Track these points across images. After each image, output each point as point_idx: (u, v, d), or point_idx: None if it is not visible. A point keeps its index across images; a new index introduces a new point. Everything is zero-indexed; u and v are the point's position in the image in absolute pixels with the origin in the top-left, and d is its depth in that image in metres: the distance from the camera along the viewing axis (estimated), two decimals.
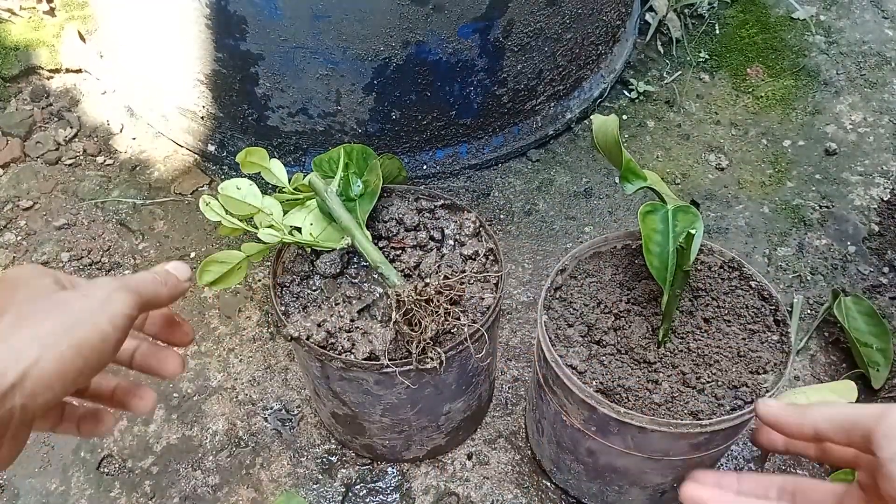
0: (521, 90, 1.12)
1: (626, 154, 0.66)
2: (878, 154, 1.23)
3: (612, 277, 0.76)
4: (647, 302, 0.74)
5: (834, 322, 1.00)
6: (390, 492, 0.88)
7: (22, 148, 1.21)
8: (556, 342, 0.71)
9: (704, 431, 0.65)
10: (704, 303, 0.74)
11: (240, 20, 0.95)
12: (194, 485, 0.88)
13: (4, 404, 0.38)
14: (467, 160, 1.17)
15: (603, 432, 0.70)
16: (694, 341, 0.71)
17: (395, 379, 0.69)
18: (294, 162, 1.13)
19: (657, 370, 0.70)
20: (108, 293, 0.44)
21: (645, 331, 0.72)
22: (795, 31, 1.41)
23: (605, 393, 0.68)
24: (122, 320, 0.44)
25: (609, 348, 0.71)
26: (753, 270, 0.74)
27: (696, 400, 0.67)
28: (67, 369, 0.40)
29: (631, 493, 0.79)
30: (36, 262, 0.45)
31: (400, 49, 0.98)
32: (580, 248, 0.76)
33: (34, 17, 1.34)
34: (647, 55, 1.37)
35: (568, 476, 0.84)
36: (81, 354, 0.41)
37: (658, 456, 0.70)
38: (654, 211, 0.68)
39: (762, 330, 0.72)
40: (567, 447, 0.78)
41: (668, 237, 0.67)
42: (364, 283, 0.76)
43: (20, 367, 0.38)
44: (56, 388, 0.40)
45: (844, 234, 1.13)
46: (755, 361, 0.69)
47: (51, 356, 0.39)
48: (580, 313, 0.73)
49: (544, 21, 1.04)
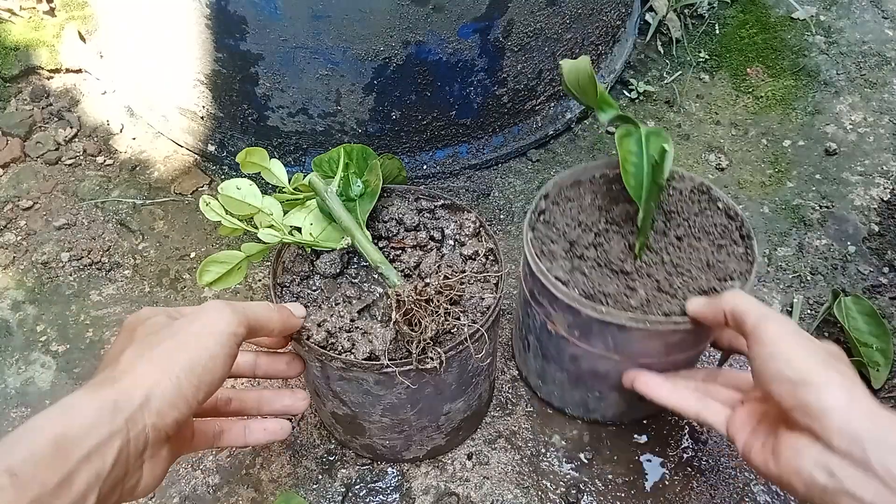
0: (521, 90, 1.12)
1: (600, 86, 0.74)
2: (878, 154, 1.23)
3: (592, 202, 0.83)
4: (624, 222, 0.81)
5: (834, 322, 1.00)
6: (390, 492, 0.88)
7: (22, 148, 1.21)
8: (542, 257, 0.78)
9: (678, 329, 0.72)
10: (676, 223, 0.81)
11: (240, 20, 0.95)
12: (194, 485, 0.88)
13: (136, 425, 0.42)
14: (467, 160, 1.17)
15: (585, 336, 0.77)
16: (667, 255, 0.79)
17: (395, 379, 0.69)
18: (294, 162, 1.13)
19: (634, 279, 0.77)
20: (214, 315, 0.49)
21: (622, 247, 0.79)
22: (795, 31, 1.41)
23: (587, 298, 0.75)
24: (228, 338, 0.48)
25: (590, 262, 0.78)
26: (720, 193, 0.83)
27: (670, 303, 0.74)
28: (185, 387, 0.44)
29: (610, 399, 0.86)
30: (143, 314, 0.52)
31: (400, 49, 0.98)
32: (561, 176, 0.84)
33: (34, 17, 1.34)
34: (647, 55, 1.37)
35: (552, 388, 0.90)
36: (195, 373, 0.45)
37: (635, 357, 0.77)
38: (630, 135, 0.77)
39: (729, 244, 0.80)
40: (552, 357, 0.84)
41: (642, 158, 0.75)
42: (364, 283, 0.76)
43: (143, 390, 0.42)
44: (180, 405, 0.44)
45: (844, 234, 1.13)
46: (723, 270, 0.77)
47: (168, 377, 0.44)
48: (563, 232, 0.81)
49: (544, 21, 1.04)
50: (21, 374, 0.96)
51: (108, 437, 0.40)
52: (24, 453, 0.37)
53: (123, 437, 0.41)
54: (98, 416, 0.40)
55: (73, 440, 0.39)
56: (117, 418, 0.41)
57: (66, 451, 0.38)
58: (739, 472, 0.90)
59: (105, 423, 0.40)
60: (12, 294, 1.05)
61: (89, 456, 0.39)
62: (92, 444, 0.39)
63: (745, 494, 0.88)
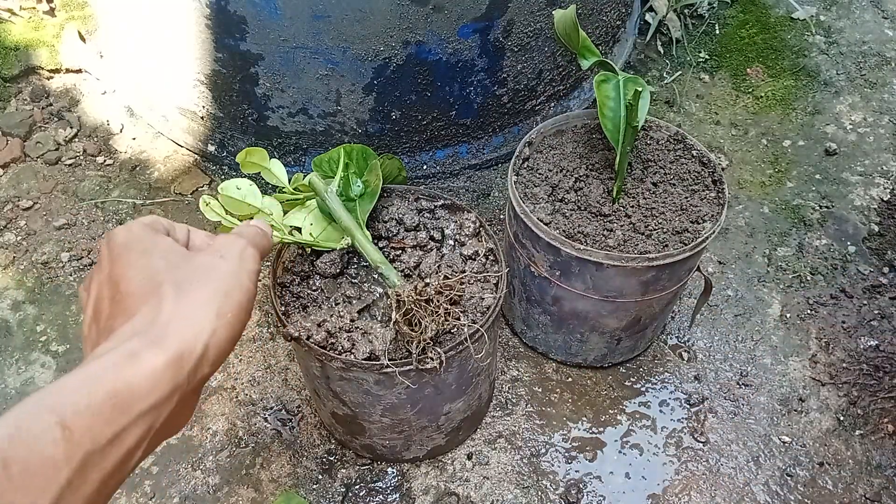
0: (521, 90, 1.12)
1: (583, 33, 0.77)
2: (878, 154, 1.23)
3: (573, 150, 0.88)
4: (603, 169, 0.86)
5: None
6: (390, 492, 0.88)
7: (22, 148, 1.21)
8: (525, 199, 0.82)
9: (652, 266, 0.76)
10: (653, 171, 0.86)
11: (240, 20, 0.95)
12: (194, 485, 0.88)
13: (196, 375, 0.40)
14: (467, 160, 1.17)
15: (566, 275, 0.81)
16: (644, 199, 0.83)
17: (395, 379, 0.68)
18: (294, 162, 1.13)
19: (612, 221, 0.81)
20: (241, 252, 0.47)
21: (601, 191, 0.83)
22: (795, 31, 1.41)
23: (568, 238, 0.79)
24: (256, 276, 0.47)
25: (570, 205, 0.82)
26: (695, 141, 0.86)
27: (645, 243, 0.79)
28: (235, 332, 0.43)
29: (591, 341, 0.91)
30: (125, 227, 0.46)
31: (400, 49, 0.98)
32: (544, 124, 0.88)
33: (34, 17, 1.34)
34: (647, 55, 1.37)
35: (536, 332, 0.95)
36: (240, 318, 0.43)
37: (613, 296, 0.81)
38: (608, 80, 0.79)
39: (702, 189, 0.84)
40: (535, 300, 0.89)
41: (619, 103, 0.78)
42: (364, 283, 0.76)
43: (203, 340, 0.40)
44: (228, 350, 0.43)
45: (844, 234, 1.13)
46: (695, 213, 0.81)
47: (222, 325, 0.42)
48: (545, 177, 0.84)
49: (544, 21, 1.04)
50: (21, 374, 0.96)
51: (171, 392, 0.38)
52: (80, 403, 0.34)
53: (183, 391, 0.39)
54: (164, 370, 0.37)
55: (135, 395, 0.36)
56: (181, 372, 0.38)
57: (126, 406, 0.35)
58: (739, 472, 0.90)
59: (170, 379, 0.37)
60: (12, 294, 1.05)
61: (148, 412, 0.36)
62: (154, 400, 0.37)
63: (745, 494, 0.89)
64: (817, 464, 0.91)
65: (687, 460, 0.91)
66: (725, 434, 0.93)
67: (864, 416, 0.95)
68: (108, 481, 0.35)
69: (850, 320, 1.04)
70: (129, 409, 0.35)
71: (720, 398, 0.96)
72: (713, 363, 1.00)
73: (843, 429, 0.94)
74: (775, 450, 0.92)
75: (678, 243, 0.79)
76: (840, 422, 0.95)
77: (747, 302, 1.06)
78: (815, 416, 0.95)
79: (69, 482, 0.32)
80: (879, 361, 0.99)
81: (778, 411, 0.96)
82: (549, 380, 0.98)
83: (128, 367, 0.36)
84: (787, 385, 0.98)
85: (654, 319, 0.90)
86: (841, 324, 1.03)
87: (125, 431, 0.35)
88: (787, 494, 0.89)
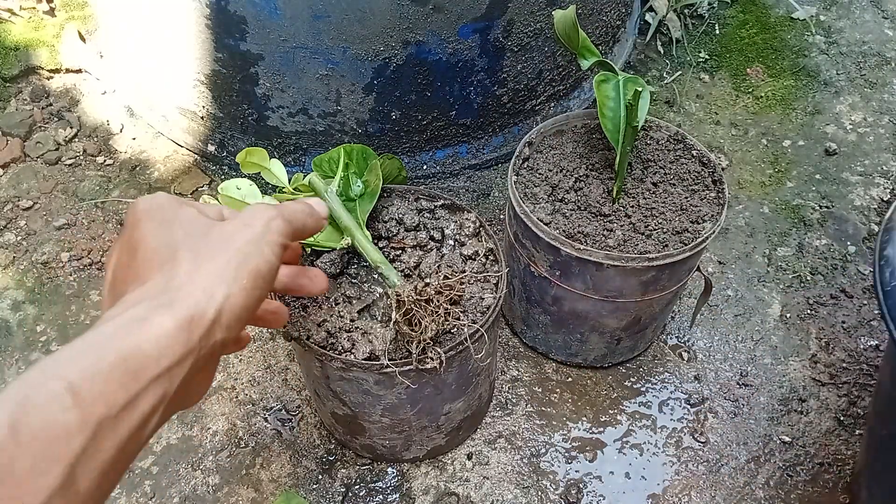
0: (521, 90, 1.12)
1: (583, 33, 0.77)
2: (878, 154, 1.23)
3: (574, 150, 0.87)
4: (603, 168, 0.85)
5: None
6: (390, 492, 0.88)
7: (22, 148, 1.21)
8: (525, 199, 0.82)
9: (652, 266, 0.76)
10: (653, 171, 0.86)
11: (240, 20, 0.95)
12: (194, 485, 0.88)
13: (209, 340, 0.39)
14: (467, 160, 1.17)
15: (566, 275, 0.81)
16: (644, 199, 0.83)
17: (395, 379, 0.68)
18: (294, 162, 1.13)
19: (612, 221, 0.81)
20: (266, 222, 0.45)
21: (601, 191, 0.83)
22: (795, 31, 1.41)
23: (568, 237, 0.79)
24: (280, 249, 0.45)
25: (570, 205, 0.82)
26: (695, 141, 0.86)
27: (645, 243, 0.79)
28: (251, 300, 0.41)
29: (591, 341, 0.91)
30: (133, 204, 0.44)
31: (400, 49, 0.98)
32: (544, 124, 0.88)
33: (34, 17, 1.34)
34: (647, 55, 1.37)
35: (536, 332, 0.95)
36: (258, 285, 0.42)
37: (613, 296, 0.81)
38: (608, 80, 0.79)
39: (702, 189, 0.84)
40: (535, 300, 0.89)
41: (619, 102, 0.78)
42: (364, 283, 0.76)
43: (215, 304, 0.39)
44: (244, 318, 0.41)
45: (844, 234, 1.13)
46: (696, 213, 0.81)
47: (237, 290, 0.40)
48: (545, 177, 0.84)
49: (544, 21, 1.04)
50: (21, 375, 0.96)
51: (183, 357, 0.36)
52: (89, 368, 0.33)
53: (196, 356, 0.37)
54: (175, 333, 0.36)
55: (146, 358, 0.35)
56: (193, 336, 0.37)
57: (138, 370, 0.34)
58: (739, 472, 0.90)
59: (181, 342, 0.36)
60: (12, 294, 1.05)
61: (160, 376, 0.35)
62: (165, 364, 0.35)
63: (745, 494, 0.89)
64: (817, 464, 0.91)
65: (687, 460, 0.91)
66: (725, 434, 0.93)
67: (864, 416, 0.95)
68: (123, 450, 0.34)
69: (850, 320, 1.04)
70: (140, 373, 0.34)
71: (720, 398, 0.96)
72: (713, 363, 1.00)
73: (843, 429, 0.94)
74: (775, 450, 0.92)
75: (678, 243, 0.79)
76: (840, 422, 0.95)
77: (747, 302, 1.06)
78: (815, 417, 0.95)
79: (84, 449, 0.31)
80: (879, 361, 0.99)
81: (778, 411, 0.96)
82: (549, 380, 0.98)
83: (137, 330, 0.35)
84: (787, 385, 0.98)
85: (654, 319, 0.90)
86: (841, 324, 1.03)
87: (138, 397, 0.34)
88: (787, 494, 0.89)
